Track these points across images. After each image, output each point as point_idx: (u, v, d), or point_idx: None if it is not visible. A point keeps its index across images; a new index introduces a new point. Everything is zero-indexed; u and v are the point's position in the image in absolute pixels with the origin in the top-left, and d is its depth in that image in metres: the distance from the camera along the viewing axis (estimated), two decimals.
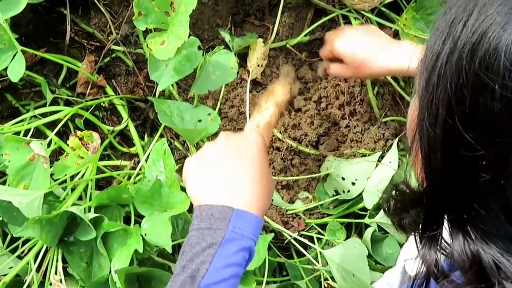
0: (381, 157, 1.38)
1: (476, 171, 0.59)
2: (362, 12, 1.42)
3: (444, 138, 0.60)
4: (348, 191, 1.35)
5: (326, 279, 1.35)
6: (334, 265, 1.29)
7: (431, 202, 0.67)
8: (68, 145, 1.26)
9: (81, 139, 1.20)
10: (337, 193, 1.38)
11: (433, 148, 0.62)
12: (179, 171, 1.39)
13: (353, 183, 1.35)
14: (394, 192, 0.75)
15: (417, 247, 0.70)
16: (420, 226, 0.70)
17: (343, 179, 1.35)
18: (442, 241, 0.68)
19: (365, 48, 1.19)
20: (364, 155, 1.39)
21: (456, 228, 0.64)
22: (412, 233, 0.72)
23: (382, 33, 1.24)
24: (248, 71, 1.40)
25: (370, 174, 1.34)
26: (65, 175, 1.29)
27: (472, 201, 0.62)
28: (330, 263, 1.30)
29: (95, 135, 1.23)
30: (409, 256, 1.12)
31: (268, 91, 1.22)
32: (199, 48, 1.21)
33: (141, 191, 1.24)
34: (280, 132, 1.41)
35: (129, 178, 1.38)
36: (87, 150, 1.22)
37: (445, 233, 0.68)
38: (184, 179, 0.97)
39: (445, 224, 0.68)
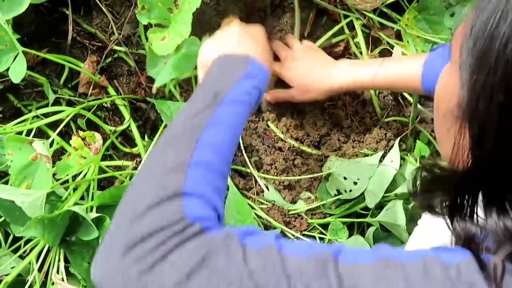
0: (383, 156, 1.38)
1: None
2: (364, 12, 1.42)
3: (499, 120, 0.59)
4: (350, 190, 1.35)
5: None
6: None
7: (475, 182, 0.66)
8: (70, 145, 1.26)
9: (83, 139, 1.21)
10: (339, 192, 1.37)
11: (486, 130, 0.61)
12: None
13: (355, 183, 1.35)
14: (422, 173, 0.74)
15: (449, 226, 0.70)
16: (453, 203, 0.69)
17: (345, 178, 1.35)
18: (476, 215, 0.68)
19: (311, 69, 1.29)
20: (366, 155, 1.39)
21: (492, 204, 0.64)
22: (441, 215, 0.72)
23: (322, 53, 1.35)
24: None
25: (372, 173, 1.34)
26: (67, 175, 1.30)
27: None
28: None
29: (97, 136, 1.23)
30: None
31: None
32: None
33: None
34: (282, 132, 1.41)
35: (131, 178, 1.38)
36: (90, 150, 1.22)
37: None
38: (203, 63, 1.09)
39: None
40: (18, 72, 1.24)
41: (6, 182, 1.35)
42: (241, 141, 1.41)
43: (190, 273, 0.63)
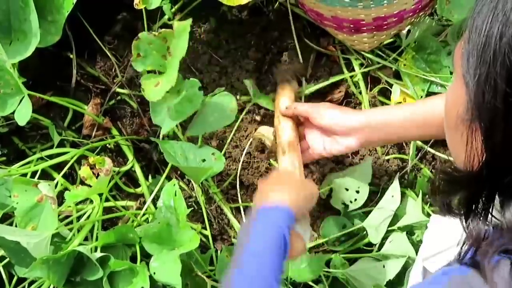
0: (383, 192, 1.39)
1: None
2: (362, 52, 1.45)
3: (506, 110, 0.64)
4: (355, 199, 1.39)
5: None
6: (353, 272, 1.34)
7: (491, 177, 0.70)
8: (75, 185, 1.27)
9: (92, 168, 1.22)
10: (345, 205, 1.39)
11: (495, 122, 0.66)
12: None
13: (357, 191, 1.38)
14: (440, 175, 0.79)
15: (463, 225, 0.75)
16: (469, 203, 0.74)
17: (347, 190, 1.38)
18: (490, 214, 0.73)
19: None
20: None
21: (509, 198, 0.69)
22: (458, 215, 0.77)
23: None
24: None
25: (369, 178, 1.39)
26: (71, 216, 1.31)
27: None
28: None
29: (107, 160, 1.23)
30: (428, 254, 1.14)
31: (276, 107, 1.31)
32: (199, 89, 1.23)
33: (149, 231, 1.25)
34: None
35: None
36: (101, 172, 1.23)
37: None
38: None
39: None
40: (23, 115, 1.25)
41: (10, 224, 1.36)
42: (241, 180, 1.43)
43: None
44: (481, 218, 0.73)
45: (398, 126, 1.18)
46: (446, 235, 1.14)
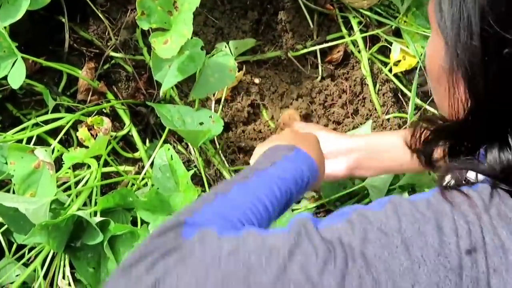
0: None
1: None
2: (361, 10, 1.43)
3: (483, 48, 0.63)
4: None
5: None
6: None
7: (476, 124, 0.68)
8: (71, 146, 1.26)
9: (90, 129, 1.20)
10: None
11: (475, 63, 0.64)
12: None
13: None
14: (422, 124, 0.76)
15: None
16: (454, 148, 0.72)
17: None
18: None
19: None
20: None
21: (494, 141, 0.67)
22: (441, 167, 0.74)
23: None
24: None
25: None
26: (69, 182, 1.29)
27: None
28: None
29: (105, 119, 1.21)
30: None
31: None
32: (201, 48, 1.21)
33: (139, 201, 1.23)
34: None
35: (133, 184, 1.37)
36: (99, 131, 1.21)
37: None
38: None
39: None
40: (17, 78, 1.23)
41: (7, 191, 1.34)
42: (240, 144, 1.42)
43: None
44: (467, 160, 0.71)
45: (390, 150, 1.15)
46: None
